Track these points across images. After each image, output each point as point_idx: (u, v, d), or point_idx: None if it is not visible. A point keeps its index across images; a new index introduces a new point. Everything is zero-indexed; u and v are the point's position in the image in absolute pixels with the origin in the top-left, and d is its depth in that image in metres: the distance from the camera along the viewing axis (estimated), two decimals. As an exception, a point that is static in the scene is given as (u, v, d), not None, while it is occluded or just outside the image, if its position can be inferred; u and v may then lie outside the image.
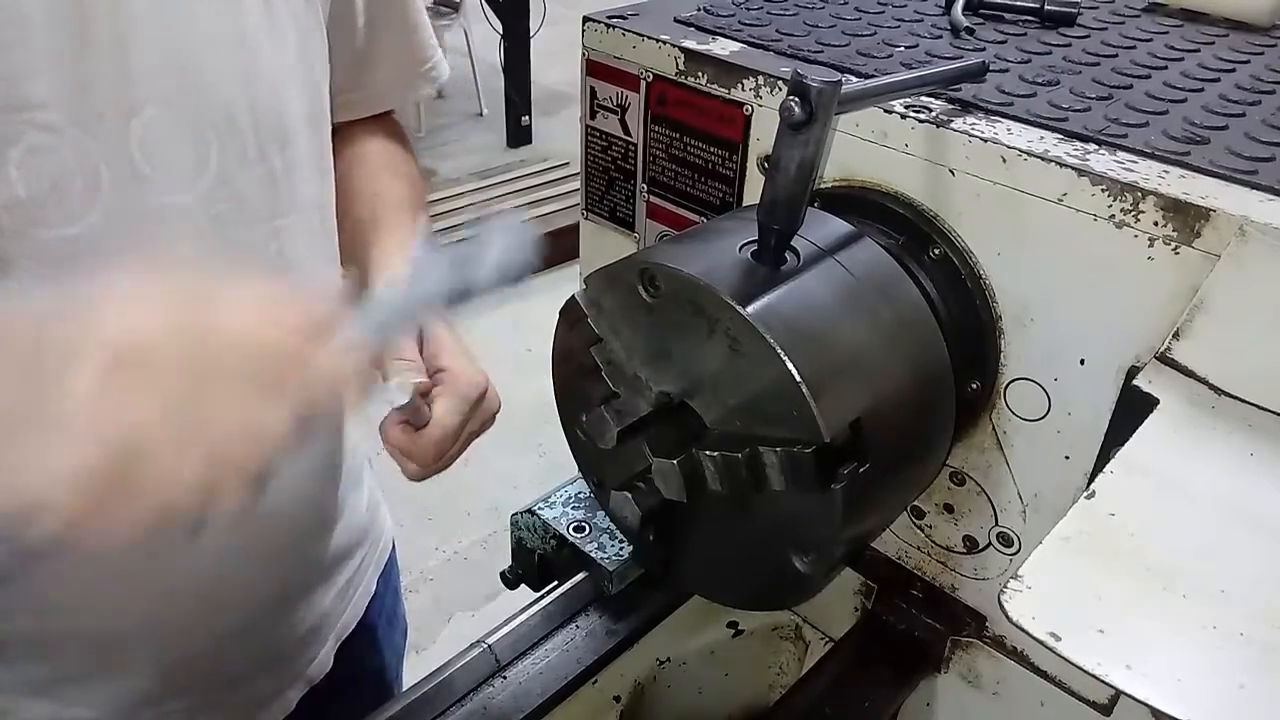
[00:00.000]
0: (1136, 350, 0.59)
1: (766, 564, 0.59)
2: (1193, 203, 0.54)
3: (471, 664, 0.76)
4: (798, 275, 0.57)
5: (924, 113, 0.64)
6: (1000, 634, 0.74)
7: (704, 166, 0.78)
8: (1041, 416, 0.65)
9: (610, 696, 0.84)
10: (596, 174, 0.87)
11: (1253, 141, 0.62)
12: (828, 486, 0.52)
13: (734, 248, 0.57)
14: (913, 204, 0.66)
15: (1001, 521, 0.70)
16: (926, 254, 0.65)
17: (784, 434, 0.53)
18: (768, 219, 0.55)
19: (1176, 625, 0.42)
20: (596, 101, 0.83)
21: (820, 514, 0.54)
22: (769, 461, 0.53)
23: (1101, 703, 0.69)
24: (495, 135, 4.55)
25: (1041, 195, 0.59)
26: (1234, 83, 0.73)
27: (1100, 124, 0.63)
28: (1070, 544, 0.46)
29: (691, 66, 0.75)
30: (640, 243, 0.86)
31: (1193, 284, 0.55)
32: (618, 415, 0.57)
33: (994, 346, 0.65)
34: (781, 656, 0.94)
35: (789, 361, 0.51)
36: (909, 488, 0.65)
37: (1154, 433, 0.52)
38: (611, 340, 0.60)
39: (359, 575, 0.94)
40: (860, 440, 0.54)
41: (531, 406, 1.11)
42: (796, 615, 0.92)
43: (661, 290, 0.56)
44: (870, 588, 0.82)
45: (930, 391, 0.60)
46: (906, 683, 0.78)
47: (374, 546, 0.97)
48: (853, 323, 0.57)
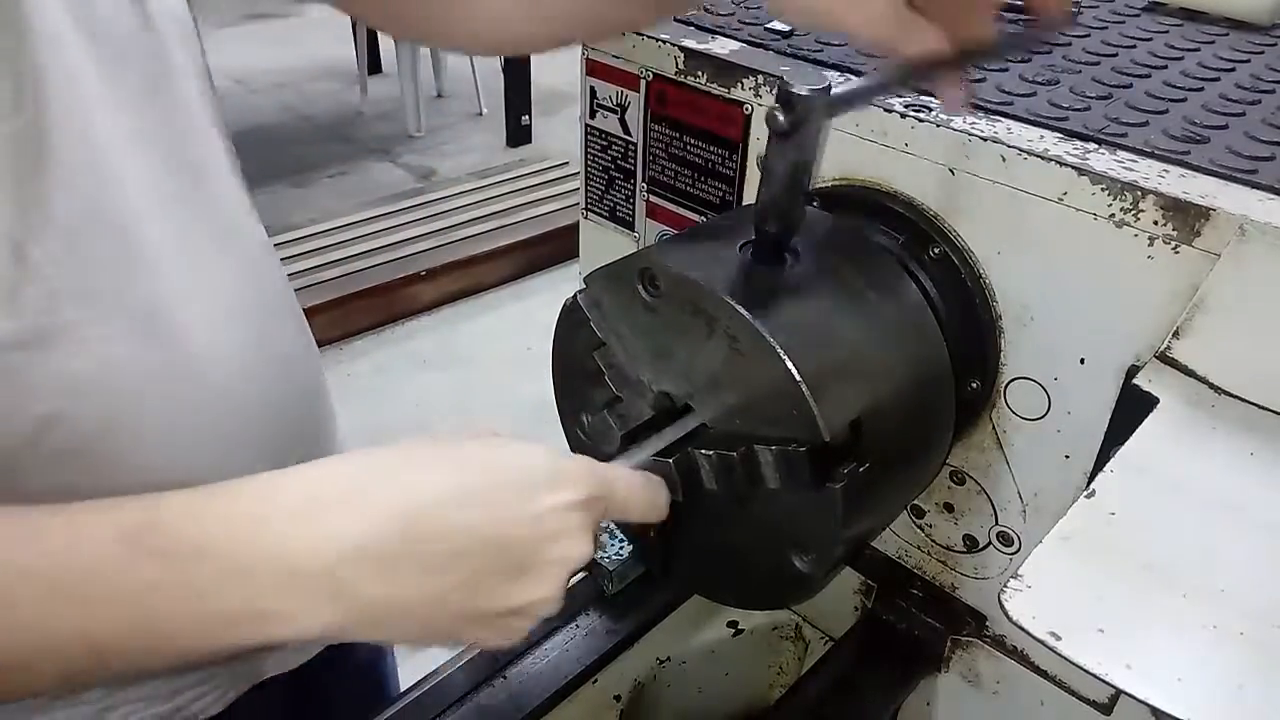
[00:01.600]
0: (1136, 349, 0.59)
1: (766, 564, 0.59)
2: (1193, 202, 0.54)
3: (471, 663, 0.76)
4: (798, 275, 0.57)
5: (924, 112, 0.64)
6: (1000, 633, 0.74)
7: (704, 166, 0.78)
8: (1041, 416, 0.65)
9: (610, 696, 0.84)
10: (596, 173, 0.87)
11: (1253, 141, 0.62)
12: (822, 485, 0.52)
13: (734, 247, 0.57)
14: (912, 203, 0.66)
15: (1001, 521, 0.70)
16: (926, 253, 0.65)
17: (784, 433, 0.53)
18: (764, 221, 0.55)
19: (1176, 625, 0.42)
20: (596, 101, 0.83)
21: (820, 513, 0.54)
22: (764, 460, 0.53)
23: (1101, 702, 0.69)
24: (495, 135, 4.55)
25: (1041, 194, 0.59)
26: (1234, 82, 0.73)
27: (1100, 123, 0.63)
28: (1070, 543, 0.46)
29: (691, 66, 0.75)
30: (640, 242, 0.86)
31: (1193, 283, 0.55)
32: (621, 420, 0.57)
33: (994, 346, 0.65)
34: (781, 656, 0.94)
35: (789, 361, 0.51)
36: (909, 487, 0.65)
37: (1154, 432, 0.52)
38: (614, 343, 0.60)
39: None
40: (860, 440, 0.54)
41: (531, 406, 1.11)
42: (796, 615, 0.92)
43: (661, 290, 0.56)
44: (870, 587, 0.82)
45: (930, 391, 0.60)
46: (906, 682, 0.78)
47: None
48: (852, 322, 0.57)
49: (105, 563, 0.43)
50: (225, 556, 0.44)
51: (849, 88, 0.53)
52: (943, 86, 0.57)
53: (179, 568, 0.44)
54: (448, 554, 0.46)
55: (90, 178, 0.54)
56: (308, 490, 0.46)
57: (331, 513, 0.45)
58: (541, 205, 3.72)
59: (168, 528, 0.44)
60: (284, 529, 0.45)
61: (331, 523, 0.45)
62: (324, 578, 0.44)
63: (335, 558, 0.44)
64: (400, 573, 0.45)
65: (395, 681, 0.96)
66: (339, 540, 0.44)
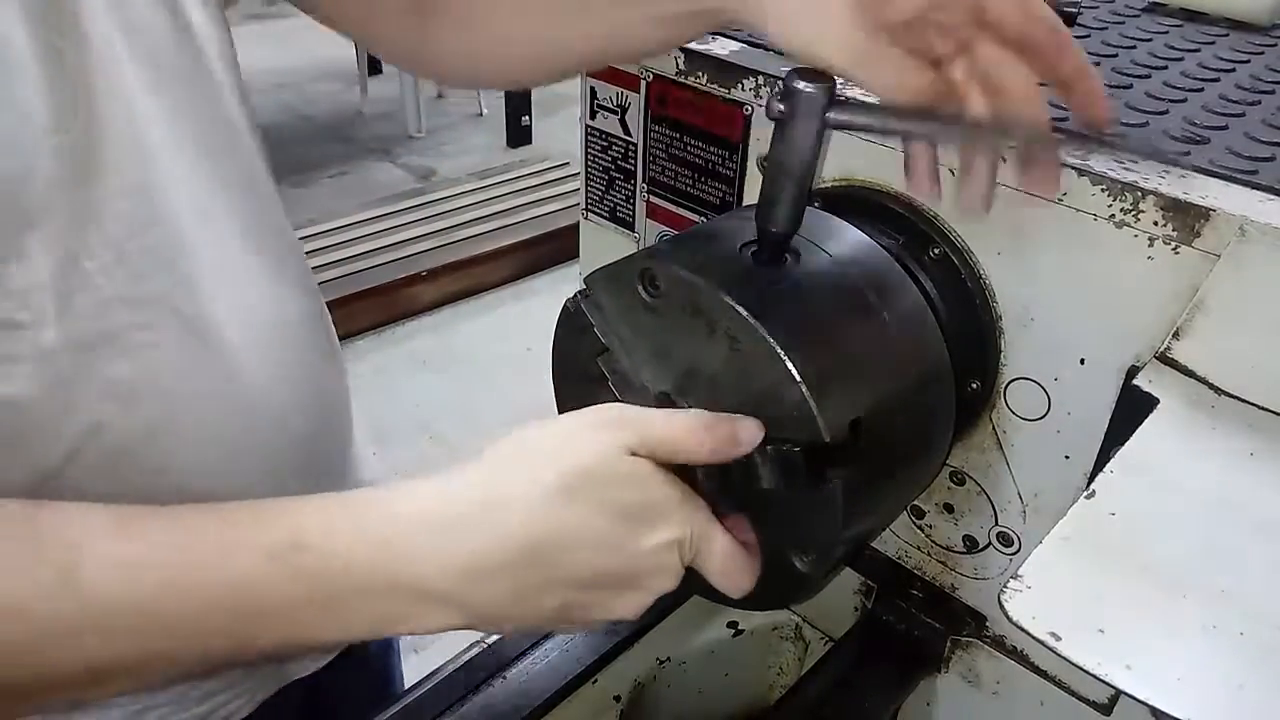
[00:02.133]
0: (1136, 350, 0.59)
1: (766, 563, 0.59)
2: (1193, 202, 0.54)
3: (471, 664, 0.76)
4: (798, 275, 0.57)
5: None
6: (1000, 634, 0.74)
7: (704, 166, 0.78)
8: (1041, 416, 0.65)
9: (610, 696, 0.84)
10: (596, 174, 0.87)
11: (1253, 141, 0.62)
12: (818, 485, 0.52)
13: (734, 248, 0.57)
14: (912, 204, 0.66)
15: (1001, 521, 0.70)
16: (926, 254, 0.65)
17: (784, 434, 0.53)
18: (764, 222, 0.55)
19: (1176, 625, 0.42)
20: (596, 101, 0.83)
21: (820, 513, 0.54)
22: (759, 459, 0.53)
23: (1101, 702, 0.69)
24: (495, 135, 4.55)
25: (1042, 195, 0.59)
26: (1234, 82, 0.73)
27: (1100, 124, 0.63)
28: (1070, 544, 0.46)
29: (691, 66, 0.75)
30: (640, 242, 0.86)
31: (1193, 283, 0.55)
32: None
33: (994, 346, 0.65)
34: (781, 656, 0.94)
35: (789, 361, 0.51)
36: (909, 487, 0.65)
37: (1154, 432, 0.52)
38: (615, 347, 0.59)
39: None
40: (859, 440, 0.54)
41: (531, 406, 1.11)
42: (796, 615, 0.92)
43: (661, 290, 0.56)
44: (870, 587, 0.82)
45: (930, 391, 0.60)
46: (906, 683, 0.78)
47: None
48: (852, 323, 0.57)
49: (258, 581, 0.47)
50: (366, 575, 0.47)
51: (852, 106, 0.53)
52: (966, 160, 0.55)
53: (325, 586, 0.47)
54: (565, 581, 0.50)
55: (141, 186, 0.55)
56: (440, 508, 0.50)
57: (458, 532, 0.48)
58: (541, 205, 3.72)
59: (314, 549, 0.47)
60: (413, 549, 0.48)
61: (461, 543, 0.48)
62: (452, 593, 0.48)
63: (460, 576, 0.48)
64: (521, 592, 0.49)
65: (401, 678, 0.96)
66: (467, 560, 0.48)
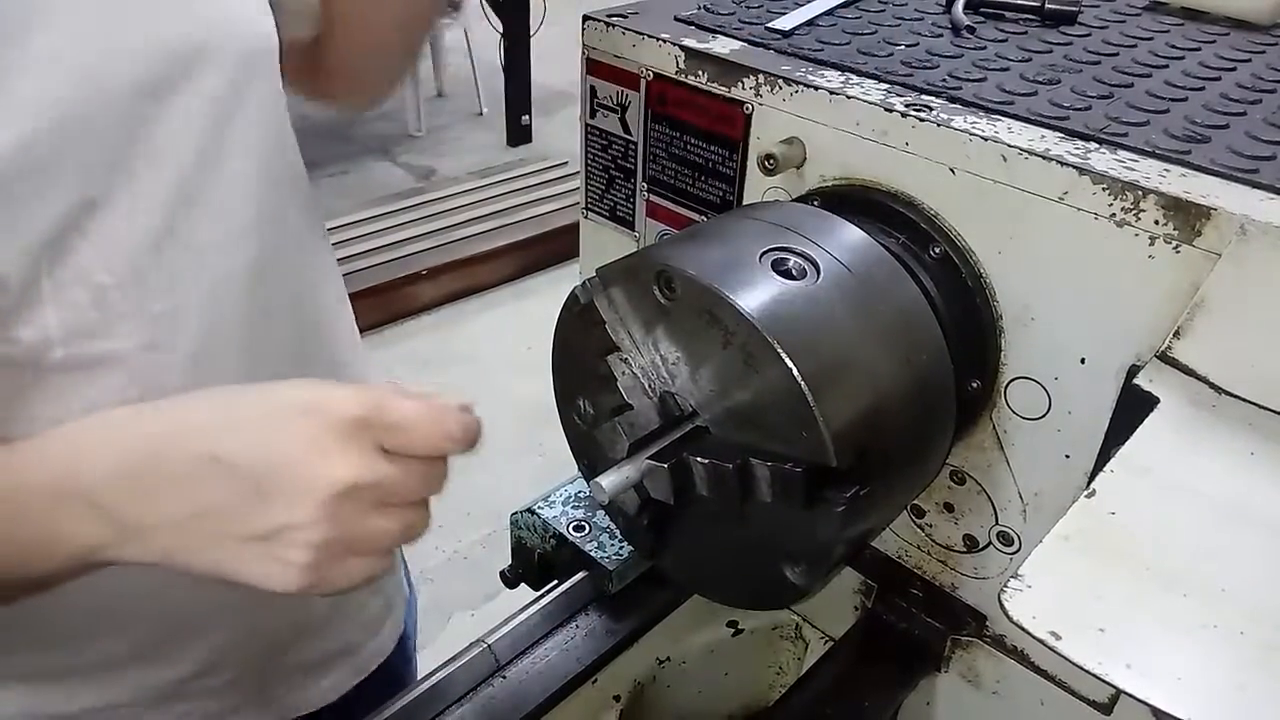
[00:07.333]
0: (1137, 349, 0.58)
1: (759, 570, 0.59)
2: (1194, 201, 0.54)
3: (471, 663, 0.76)
4: (818, 293, 0.55)
5: (925, 111, 0.64)
6: (1000, 633, 0.74)
7: (704, 165, 0.77)
8: (1042, 415, 0.65)
9: (610, 696, 0.84)
10: (596, 173, 0.87)
11: (1254, 140, 0.62)
12: (815, 505, 0.52)
13: (754, 256, 0.56)
14: (913, 203, 0.66)
15: (1002, 521, 0.70)
16: (927, 253, 0.64)
17: (789, 451, 0.52)
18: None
19: (1176, 625, 0.42)
20: (596, 100, 0.83)
21: (816, 531, 0.54)
22: (759, 475, 0.53)
23: (1102, 702, 0.69)
24: (495, 135, 4.55)
25: (1042, 194, 0.59)
26: (1235, 81, 0.73)
27: (1101, 122, 0.63)
28: (1070, 543, 0.46)
29: (692, 65, 0.75)
30: (640, 241, 0.86)
31: (1193, 283, 0.55)
32: (630, 428, 0.58)
33: (994, 345, 0.65)
34: (781, 656, 0.94)
35: (807, 390, 0.50)
36: (908, 493, 0.65)
37: (1154, 432, 0.52)
38: (626, 345, 0.59)
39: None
40: (863, 463, 0.53)
41: (531, 406, 1.10)
42: (796, 615, 0.92)
43: (677, 294, 0.55)
44: (870, 587, 0.82)
45: (932, 400, 0.60)
46: (906, 682, 0.78)
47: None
48: (868, 345, 0.56)
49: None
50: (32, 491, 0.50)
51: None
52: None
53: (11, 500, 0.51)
54: (191, 476, 0.48)
55: (163, 202, 0.55)
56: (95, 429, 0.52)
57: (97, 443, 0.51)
58: (541, 205, 3.72)
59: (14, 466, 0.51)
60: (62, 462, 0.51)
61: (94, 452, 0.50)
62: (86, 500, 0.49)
63: (91, 482, 0.49)
64: (152, 493, 0.49)
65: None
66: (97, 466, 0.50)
